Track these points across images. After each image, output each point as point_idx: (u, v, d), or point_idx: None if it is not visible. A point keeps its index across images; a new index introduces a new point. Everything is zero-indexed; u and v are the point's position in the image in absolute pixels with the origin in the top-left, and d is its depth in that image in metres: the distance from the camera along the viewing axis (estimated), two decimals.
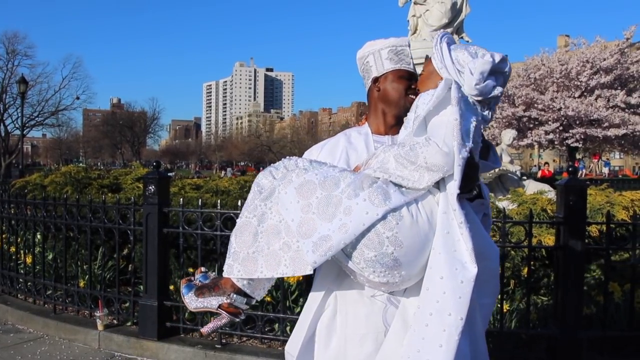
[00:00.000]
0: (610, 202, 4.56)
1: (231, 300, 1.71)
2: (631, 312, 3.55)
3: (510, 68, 1.79)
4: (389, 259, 1.55)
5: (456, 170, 1.54)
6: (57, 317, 4.70)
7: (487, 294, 1.73)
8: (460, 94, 1.63)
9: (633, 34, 23.03)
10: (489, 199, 1.80)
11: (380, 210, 1.53)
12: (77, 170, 7.33)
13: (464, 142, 1.55)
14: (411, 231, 1.56)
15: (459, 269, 1.53)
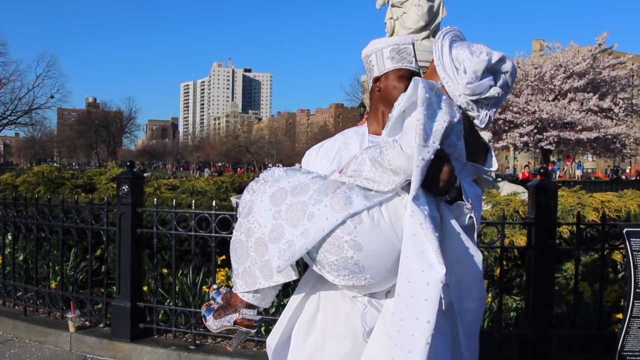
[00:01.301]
0: (581, 203, 4.65)
1: (242, 315, 1.82)
2: (600, 310, 3.62)
3: (513, 68, 1.77)
4: (349, 262, 1.57)
5: (414, 171, 1.51)
6: (28, 319, 4.62)
7: (471, 299, 1.70)
8: (431, 93, 1.58)
9: (605, 39, 23.55)
10: (477, 202, 1.72)
11: (340, 216, 1.55)
12: (50, 170, 7.23)
13: (425, 144, 1.51)
14: (371, 235, 1.55)
15: (426, 271, 1.50)
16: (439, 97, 1.61)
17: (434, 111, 1.57)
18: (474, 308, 1.73)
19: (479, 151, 1.80)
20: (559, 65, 23.15)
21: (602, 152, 25.34)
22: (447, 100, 1.63)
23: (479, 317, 1.79)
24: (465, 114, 1.74)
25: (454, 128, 1.61)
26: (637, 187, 8.02)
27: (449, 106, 1.62)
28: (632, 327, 3.38)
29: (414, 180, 1.52)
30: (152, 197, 4.72)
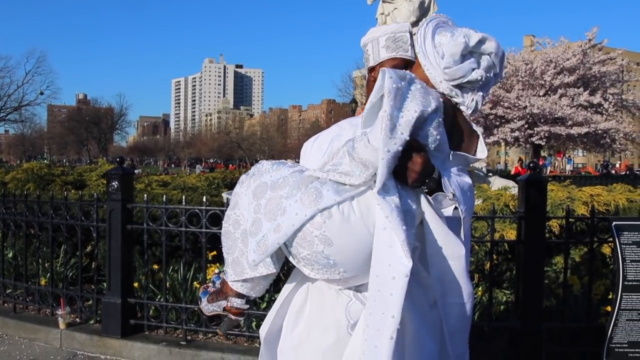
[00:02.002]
0: (571, 197, 4.68)
1: (231, 303, 1.85)
2: (589, 303, 3.65)
3: (498, 48, 1.71)
4: (320, 257, 1.58)
5: (379, 164, 1.49)
6: (17, 316, 4.59)
7: (455, 294, 1.67)
8: (401, 83, 1.53)
9: (595, 35, 23.66)
10: (464, 194, 1.66)
11: (309, 211, 1.55)
12: (40, 166, 7.18)
13: (392, 135, 1.48)
14: (341, 229, 1.55)
15: (392, 265, 1.49)
16: (410, 86, 1.57)
17: (403, 102, 1.53)
18: (459, 303, 1.69)
19: (469, 140, 1.76)
20: (550, 60, 23.25)
21: (592, 147, 25.50)
22: (421, 89, 1.58)
23: (466, 313, 1.72)
24: (451, 102, 1.71)
25: (430, 117, 1.57)
26: (626, 182, 8.08)
27: (423, 95, 1.57)
28: (621, 320, 3.42)
29: (379, 172, 1.49)
30: (143, 193, 4.70)
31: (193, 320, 3.99)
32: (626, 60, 25.18)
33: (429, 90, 1.61)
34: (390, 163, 1.50)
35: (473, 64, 1.68)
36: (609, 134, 23.60)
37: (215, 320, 3.94)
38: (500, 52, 1.72)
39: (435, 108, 1.58)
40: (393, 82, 1.51)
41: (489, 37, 1.70)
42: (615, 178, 21.13)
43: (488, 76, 1.71)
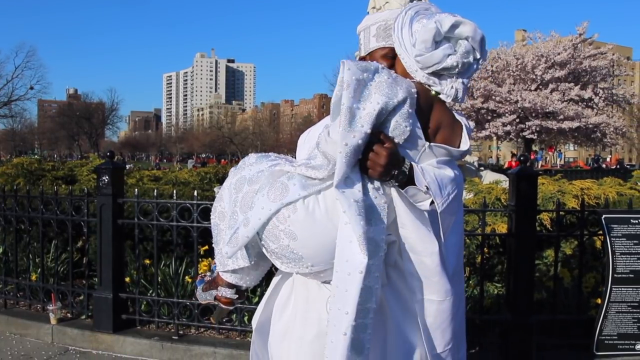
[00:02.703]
0: (562, 190, 4.69)
1: (220, 292, 1.88)
2: (579, 296, 3.67)
3: (475, 32, 1.64)
4: (287, 251, 1.59)
5: (338, 158, 1.48)
6: (8, 311, 4.56)
7: (431, 291, 1.64)
8: (363, 75, 1.50)
9: (585, 29, 23.76)
10: (443, 187, 1.61)
11: (274, 206, 1.56)
12: (30, 161, 7.13)
13: (350, 128, 1.46)
14: (305, 224, 1.55)
15: (350, 261, 1.49)
16: (375, 77, 1.53)
17: (364, 94, 1.50)
18: (435, 300, 1.65)
19: (451, 131, 1.71)
20: (541, 55, 23.35)
21: (583, 141, 25.67)
22: (388, 79, 1.53)
23: (445, 312, 1.67)
24: (429, 91, 1.66)
25: (396, 109, 1.53)
26: (617, 176, 8.13)
27: (389, 86, 1.52)
28: (610, 312, 3.45)
29: (337, 167, 1.48)
30: (134, 188, 4.67)
31: (185, 315, 3.98)
32: (616, 55, 25.33)
33: (399, 81, 1.57)
34: (350, 157, 1.48)
35: (448, 50, 1.62)
36: (600, 128, 23.77)
37: (207, 315, 3.94)
38: (479, 35, 1.64)
39: (403, 99, 1.54)
40: (352, 74, 1.49)
41: (464, 21, 1.63)
42: (606, 172, 21.29)
43: (466, 62, 1.65)
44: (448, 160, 1.68)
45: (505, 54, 24.36)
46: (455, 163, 1.74)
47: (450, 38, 1.63)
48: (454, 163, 1.73)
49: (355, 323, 1.49)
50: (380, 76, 1.53)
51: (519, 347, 3.50)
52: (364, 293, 1.51)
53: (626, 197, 4.34)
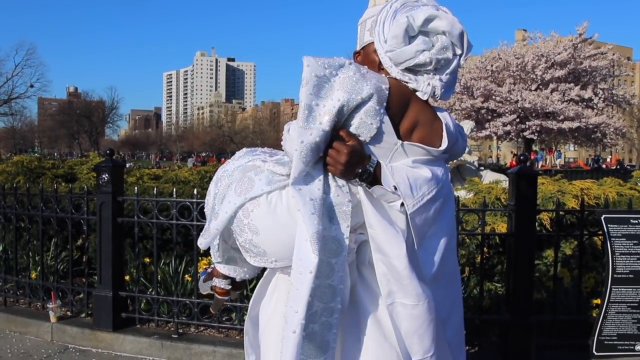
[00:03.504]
0: (561, 190, 4.69)
1: (215, 283, 1.91)
2: (579, 296, 3.67)
3: (452, 26, 1.56)
4: (250, 245, 1.60)
5: (294, 155, 1.48)
6: (8, 309, 4.56)
7: (402, 294, 1.57)
8: (324, 71, 1.47)
9: (585, 29, 23.73)
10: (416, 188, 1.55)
11: (239, 200, 1.58)
12: (30, 159, 7.12)
13: (306, 126, 1.45)
14: (267, 219, 1.55)
15: (302, 259, 1.49)
16: (339, 73, 1.49)
17: (325, 90, 1.48)
18: (409, 304, 1.58)
19: (430, 129, 1.64)
20: (541, 55, 23.33)
21: (583, 141, 25.64)
22: (353, 76, 1.49)
23: (420, 317, 1.59)
24: (406, 88, 1.62)
25: (361, 105, 1.50)
26: (617, 176, 8.13)
27: (355, 82, 1.48)
28: (610, 312, 3.45)
29: (293, 164, 1.48)
30: (134, 186, 4.67)
31: (185, 314, 3.98)
32: (617, 55, 25.29)
33: (369, 76, 1.52)
34: (306, 154, 1.47)
35: (422, 46, 1.57)
36: (600, 128, 23.76)
37: (207, 314, 3.94)
38: (457, 30, 1.57)
39: (368, 95, 1.49)
40: (311, 70, 1.47)
41: (439, 15, 1.56)
42: (606, 172, 21.26)
43: (441, 58, 1.58)
44: (427, 160, 1.62)
45: (506, 54, 24.33)
46: (440, 162, 1.68)
47: (428, 32, 1.58)
48: (439, 162, 1.68)
49: (305, 322, 1.49)
50: (346, 72, 1.50)
51: (518, 347, 3.50)
52: (319, 292, 1.52)
53: (626, 198, 4.34)
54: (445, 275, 1.70)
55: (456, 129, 1.75)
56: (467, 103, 24.14)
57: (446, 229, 1.69)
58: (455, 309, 1.77)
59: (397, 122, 1.57)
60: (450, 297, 1.73)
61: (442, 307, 1.67)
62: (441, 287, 1.67)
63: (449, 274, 1.72)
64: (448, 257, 1.70)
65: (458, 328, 1.78)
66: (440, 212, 1.64)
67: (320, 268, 1.51)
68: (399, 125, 1.58)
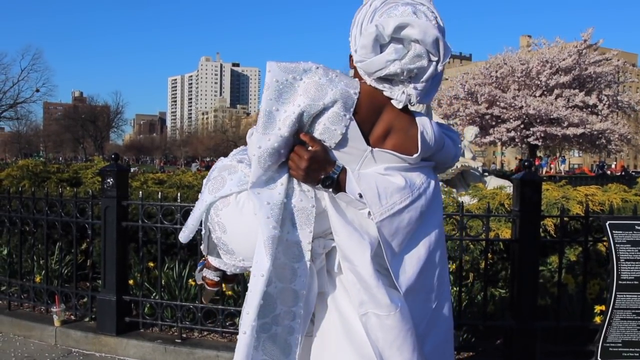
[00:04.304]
0: (566, 196, 4.69)
1: (205, 274, 1.93)
2: (584, 303, 3.66)
3: (423, 34, 1.46)
4: (220, 242, 1.64)
5: (252, 160, 1.49)
6: (12, 313, 4.58)
7: (373, 304, 1.51)
8: (287, 77, 1.46)
9: (590, 35, 23.75)
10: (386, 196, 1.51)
11: (210, 198, 1.61)
12: (35, 164, 7.14)
13: (265, 132, 1.45)
14: (233, 219, 1.57)
15: (258, 262, 1.49)
16: (303, 78, 1.47)
17: (287, 96, 1.46)
18: (382, 315, 1.52)
19: (406, 136, 1.57)
20: (545, 61, 23.35)
21: (588, 147, 25.61)
22: (319, 80, 1.46)
23: (394, 328, 1.52)
24: (381, 94, 1.56)
25: (325, 111, 1.47)
26: (622, 182, 8.10)
27: (319, 88, 1.46)
28: (615, 319, 3.42)
29: (252, 169, 1.50)
30: (139, 190, 4.69)
31: (188, 318, 3.98)
32: (621, 61, 25.27)
33: (336, 81, 1.48)
34: (264, 160, 1.47)
35: (393, 55, 1.49)
36: (605, 134, 23.72)
37: (210, 319, 3.94)
38: (430, 37, 1.47)
39: (332, 101, 1.46)
40: (272, 75, 1.47)
41: (411, 22, 1.46)
42: (611, 178, 21.20)
43: (414, 67, 1.50)
44: (403, 167, 1.57)
45: (510, 60, 24.35)
46: (422, 170, 1.62)
47: (403, 39, 1.49)
48: (421, 170, 1.61)
49: (256, 323, 1.51)
50: (311, 77, 1.47)
51: (522, 353, 3.48)
52: (282, 295, 1.54)
53: (631, 204, 4.33)
54: (425, 288, 1.63)
55: (440, 136, 1.66)
56: (472, 109, 24.15)
57: (428, 241, 1.62)
58: (437, 324, 1.69)
59: (368, 128, 1.53)
60: (428, 312, 1.65)
61: (419, 321, 1.60)
62: (419, 301, 1.61)
63: (429, 287, 1.64)
64: (429, 269, 1.63)
65: (440, 344, 1.70)
66: (422, 222, 1.59)
67: (283, 272, 1.54)
68: (370, 131, 1.54)
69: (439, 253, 1.65)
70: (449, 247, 4.06)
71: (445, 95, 26.21)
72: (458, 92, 25.10)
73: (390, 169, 1.55)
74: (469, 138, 10.04)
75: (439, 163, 1.71)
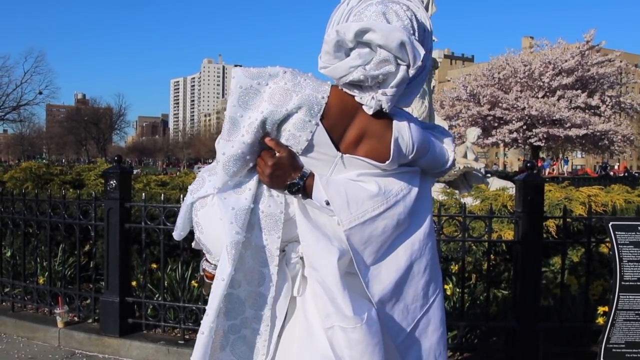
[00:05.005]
0: (568, 197, 4.69)
1: (204, 266, 1.92)
2: (586, 304, 3.65)
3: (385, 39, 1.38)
4: (200, 241, 1.65)
5: (218, 166, 1.50)
6: (15, 315, 4.59)
7: (338, 317, 1.45)
8: (251, 82, 1.44)
9: (593, 37, 23.75)
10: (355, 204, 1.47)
11: (189, 198, 1.61)
12: (38, 166, 7.17)
13: (229, 138, 1.45)
14: (208, 219, 1.57)
15: (221, 266, 1.51)
16: (269, 84, 1.44)
17: (252, 102, 1.45)
18: (348, 328, 1.44)
19: (379, 142, 1.50)
20: (548, 62, 23.35)
21: (590, 148, 25.60)
22: (285, 86, 1.43)
23: (360, 342, 1.44)
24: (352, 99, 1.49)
25: (289, 117, 1.44)
26: (625, 183, 8.10)
27: (284, 93, 1.43)
28: (618, 320, 3.42)
29: (218, 174, 1.50)
30: (141, 192, 4.70)
31: (191, 320, 3.99)
32: (624, 62, 25.26)
33: (304, 85, 1.45)
34: (229, 166, 1.47)
35: (356, 61, 1.42)
36: (607, 135, 23.69)
37: None
38: (393, 42, 1.38)
39: (296, 106, 1.43)
40: (237, 82, 1.46)
41: (372, 27, 1.39)
42: (614, 179, 21.17)
43: (378, 73, 1.42)
44: (378, 174, 1.51)
45: (513, 61, 24.35)
46: (403, 176, 1.55)
47: (371, 44, 1.41)
48: (403, 176, 1.55)
49: (214, 325, 1.52)
50: (278, 82, 1.45)
51: (525, 354, 3.48)
52: (251, 299, 1.55)
53: (634, 205, 4.33)
54: (406, 299, 1.56)
55: (424, 140, 1.57)
56: (474, 110, 24.14)
57: (410, 249, 1.55)
58: (426, 334, 1.61)
59: (339, 133, 1.48)
60: (411, 323, 1.57)
61: (397, 332, 1.55)
62: (398, 312, 1.55)
63: (412, 297, 1.57)
64: (412, 279, 1.56)
65: (430, 353, 1.62)
66: (403, 230, 1.54)
67: (252, 275, 1.54)
68: (342, 136, 1.49)
69: (425, 261, 1.58)
70: (451, 248, 4.07)
71: (448, 97, 26.24)
72: (460, 93, 25.12)
73: (363, 175, 1.50)
74: (472, 139, 10.03)
75: (428, 168, 1.64)
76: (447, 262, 4.13)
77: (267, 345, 1.57)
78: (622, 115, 27.09)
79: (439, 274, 1.66)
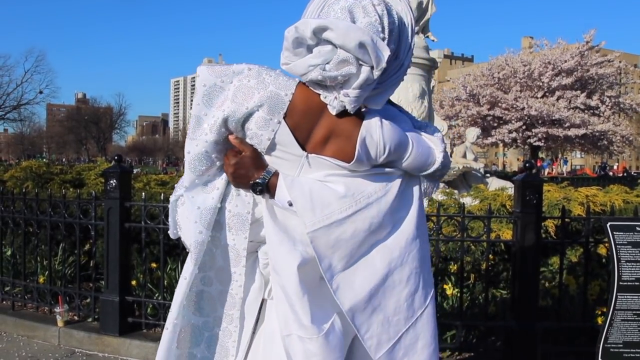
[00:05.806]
0: (567, 197, 4.70)
1: None
2: (585, 304, 3.67)
3: (343, 39, 1.30)
4: (183, 239, 1.63)
5: (185, 165, 1.51)
6: (16, 313, 4.60)
7: (298, 325, 1.39)
8: (216, 81, 1.42)
9: (592, 37, 23.76)
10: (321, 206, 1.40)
11: (172, 197, 1.62)
12: (39, 165, 7.18)
13: (193, 136, 1.45)
14: (183, 218, 1.58)
15: (186, 264, 1.54)
16: (233, 82, 1.42)
17: (216, 100, 1.43)
18: (304, 338, 1.39)
19: (347, 142, 1.42)
20: (548, 62, 23.38)
21: (589, 149, 25.62)
22: (248, 83, 1.39)
23: (316, 355, 1.38)
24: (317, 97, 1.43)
25: (251, 116, 1.40)
26: (623, 183, 8.11)
27: (246, 91, 1.39)
28: (616, 320, 3.43)
29: (185, 173, 1.52)
30: (141, 192, 4.71)
31: None
32: (623, 63, 25.29)
33: (267, 83, 1.39)
34: (194, 165, 1.48)
35: (315, 60, 1.35)
36: (606, 136, 23.71)
37: None
38: (352, 42, 1.29)
39: (257, 105, 1.39)
40: (201, 80, 1.45)
41: (330, 25, 1.31)
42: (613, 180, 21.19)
43: (337, 74, 1.34)
44: (347, 174, 1.44)
45: (512, 61, 24.37)
46: (376, 177, 1.46)
47: (326, 41, 1.34)
48: (377, 177, 1.46)
49: (179, 321, 1.56)
50: (241, 79, 1.41)
51: (523, 354, 3.49)
52: (222, 298, 1.57)
53: (632, 205, 4.34)
54: (386, 309, 1.46)
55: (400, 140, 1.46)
56: (473, 110, 24.17)
57: (389, 256, 1.46)
58: (410, 354, 1.50)
59: (305, 132, 1.42)
60: (391, 337, 1.47)
61: (375, 346, 1.46)
62: (376, 324, 1.45)
63: (394, 308, 1.47)
64: (392, 288, 1.46)
65: None
66: (380, 235, 1.45)
67: (223, 274, 1.56)
68: (309, 135, 1.43)
69: (409, 270, 1.48)
70: (450, 248, 4.08)
71: (447, 97, 26.26)
72: (460, 93, 25.15)
73: (332, 175, 1.43)
74: (471, 139, 10.06)
75: (412, 170, 1.52)
76: (446, 262, 4.15)
77: (237, 346, 1.58)
78: (621, 116, 27.11)
79: (430, 284, 1.56)
